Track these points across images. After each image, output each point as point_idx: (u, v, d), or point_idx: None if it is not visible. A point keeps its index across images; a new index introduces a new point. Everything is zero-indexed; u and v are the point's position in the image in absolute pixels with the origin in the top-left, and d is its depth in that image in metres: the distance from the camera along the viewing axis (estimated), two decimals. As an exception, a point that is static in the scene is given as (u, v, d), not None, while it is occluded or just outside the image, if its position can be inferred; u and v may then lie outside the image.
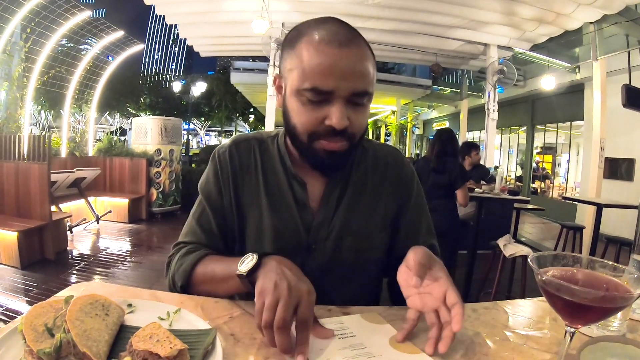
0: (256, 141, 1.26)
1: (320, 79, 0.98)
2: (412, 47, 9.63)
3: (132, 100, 25.80)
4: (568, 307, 0.64)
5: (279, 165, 1.21)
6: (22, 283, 4.72)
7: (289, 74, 1.05)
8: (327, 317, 0.95)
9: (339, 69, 0.98)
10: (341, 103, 1.00)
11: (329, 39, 1.00)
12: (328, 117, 1.00)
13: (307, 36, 1.03)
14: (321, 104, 1.00)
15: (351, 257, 1.19)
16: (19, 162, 5.76)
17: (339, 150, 1.05)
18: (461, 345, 0.85)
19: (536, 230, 11.02)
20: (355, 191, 1.22)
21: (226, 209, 1.21)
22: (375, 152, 1.30)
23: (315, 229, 1.17)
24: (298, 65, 1.02)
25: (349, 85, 0.99)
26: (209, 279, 1.08)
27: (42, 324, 0.72)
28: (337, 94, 0.99)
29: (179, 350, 0.68)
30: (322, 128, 1.02)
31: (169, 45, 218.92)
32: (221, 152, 1.24)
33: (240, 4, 7.92)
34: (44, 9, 8.39)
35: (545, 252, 0.72)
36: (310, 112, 1.02)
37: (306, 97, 1.01)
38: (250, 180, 1.21)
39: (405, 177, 1.31)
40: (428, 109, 23.79)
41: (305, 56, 1.01)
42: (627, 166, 9.42)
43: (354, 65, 1.00)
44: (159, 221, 8.74)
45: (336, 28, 1.03)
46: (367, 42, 1.07)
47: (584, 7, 6.96)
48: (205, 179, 1.26)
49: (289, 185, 1.19)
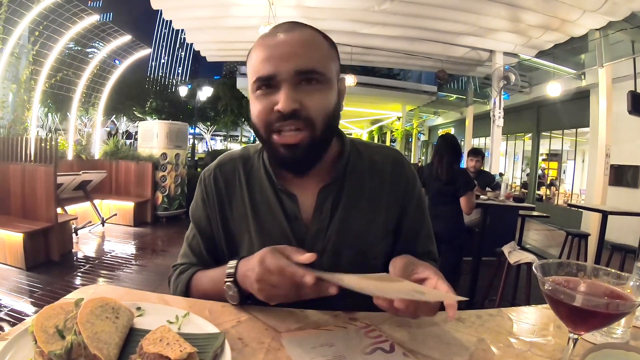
0: (241, 160, 1.24)
1: (261, 67, 1.00)
2: (418, 53, 9.64)
3: (139, 104, 25.87)
4: (571, 314, 0.65)
5: (266, 181, 1.18)
6: (27, 284, 4.74)
7: (248, 79, 1.08)
8: (333, 323, 0.95)
9: (278, 53, 1.00)
10: (287, 86, 0.99)
11: (270, 32, 1.04)
12: (277, 104, 1.00)
13: (258, 40, 1.06)
14: (270, 94, 1.01)
15: (351, 268, 1.06)
16: (26, 164, 5.80)
17: (297, 143, 1.02)
18: (465, 351, 0.86)
19: (541, 237, 10.97)
20: (351, 198, 1.17)
21: (215, 233, 1.22)
22: (371, 156, 1.24)
23: (310, 242, 1.13)
24: (249, 67, 1.06)
25: (289, 65, 0.99)
26: (202, 296, 1.12)
27: (53, 326, 0.72)
28: (280, 77, 0.99)
29: (188, 353, 0.68)
30: (274, 116, 1.01)
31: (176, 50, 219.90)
32: (207, 176, 1.24)
33: (247, 10, 7.95)
34: (52, 13, 8.46)
35: (549, 260, 0.73)
36: (262, 103, 1.02)
37: (256, 90, 1.02)
38: (236, 201, 1.20)
39: (406, 180, 1.25)
40: (434, 115, 23.77)
41: (252, 56, 1.05)
42: (633, 173, 9.37)
43: (295, 46, 1.01)
44: (164, 225, 8.76)
45: (284, 24, 1.06)
46: (320, 32, 1.08)
47: (590, 14, 6.96)
48: (194, 204, 1.27)
49: (277, 200, 1.15)
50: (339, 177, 1.16)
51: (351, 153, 1.21)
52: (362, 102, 17.89)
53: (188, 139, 10.88)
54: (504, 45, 8.95)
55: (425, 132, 27.52)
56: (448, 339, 0.91)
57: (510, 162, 18.29)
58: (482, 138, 18.11)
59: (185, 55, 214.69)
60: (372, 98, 17.04)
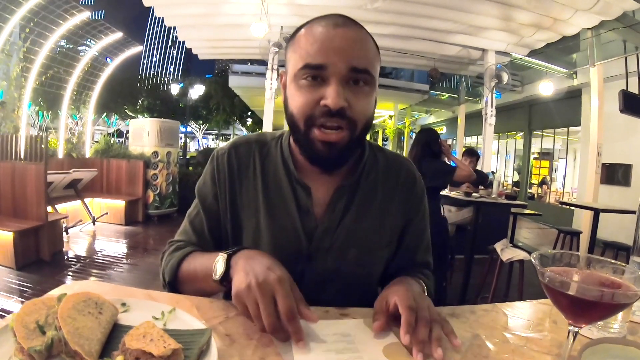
0: (257, 144, 1.21)
1: (313, 55, 0.97)
2: (410, 52, 9.63)
3: (130, 102, 25.80)
4: (572, 305, 0.64)
5: (282, 170, 1.16)
6: (17, 284, 4.69)
7: (289, 64, 1.04)
8: (325, 318, 0.93)
9: (333, 44, 0.97)
10: (337, 81, 0.96)
11: (325, 22, 1.00)
12: (324, 97, 0.96)
13: (305, 26, 1.03)
14: (317, 86, 0.98)
15: (353, 269, 1.14)
16: (16, 162, 5.74)
17: (336, 142, 1.00)
18: (460, 347, 0.84)
19: (533, 235, 11.03)
20: (364, 201, 1.16)
21: (221, 213, 1.18)
22: (387, 163, 1.24)
23: (319, 236, 1.12)
24: (295, 51, 1.01)
25: (343, 60, 0.96)
26: (192, 278, 1.07)
27: (34, 322, 0.70)
28: (332, 71, 0.96)
29: (172, 349, 0.66)
30: (318, 110, 0.98)
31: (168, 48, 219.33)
32: (220, 155, 1.20)
33: (239, 7, 7.91)
34: (42, 9, 8.41)
35: (547, 250, 0.71)
36: (306, 94, 0.99)
37: (301, 78, 0.99)
38: (248, 185, 1.17)
39: (416, 194, 1.25)
40: (426, 114, 23.82)
41: (302, 41, 1.00)
42: (624, 171, 9.45)
43: (351, 42, 0.98)
44: (156, 223, 8.71)
45: (336, 16, 1.02)
46: (370, 34, 1.05)
47: (582, 13, 6.98)
48: (202, 180, 1.22)
49: (291, 191, 1.13)
50: (356, 178, 1.16)
51: (369, 157, 1.21)
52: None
53: (180, 137, 10.83)
54: (496, 44, 8.96)
55: (417, 130, 27.59)
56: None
57: (502, 161, 18.37)
58: (474, 137, 18.21)
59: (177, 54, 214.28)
60: (364, 96, 16.93)
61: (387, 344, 0.84)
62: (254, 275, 0.83)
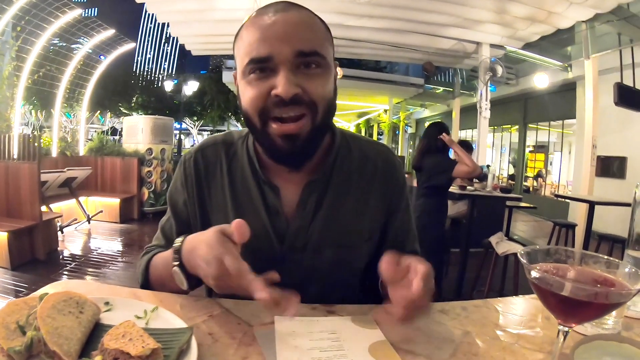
0: (224, 145, 1.17)
1: (256, 48, 0.93)
2: (405, 45, 9.61)
3: (124, 100, 25.78)
4: (561, 305, 0.61)
5: (248, 170, 1.12)
6: (12, 284, 4.68)
7: (237, 61, 1.01)
8: (312, 315, 0.91)
9: (275, 33, 0.93)
10: (286, 69, 0.92)
11: (264, 11, 0.97)
12: (274, 88, 0.93)
13: (249, 18, 1.00)
14: (267, 78, 0.94)
15: (332, 269, 1.11)
16: (9, 162, 5.71)
17: (297, 133, 0.96)
18: (450, 344, 0.83)
19: (528, 228, 11.06)
20: (337, 195, 1.11)
21: (191, 218, 1.16)
22: (361, 152, 1.18)
23: (290, 238, 1.08)
24: (240, 47, 0.98)
25: (288, 46, 0.92)
26: (158, 278, 1.06)
27: (15, 322, 0.70)
28: (279, 59, 0.92)
29: (151, 349, 0.65)
30: (271, 101, 0.94)
31: (161, 44, 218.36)
32: (187, 159, 1.17)
33: (231, 2, 7.87)
34: (34, 7, 8.35)
35: (536, 246, 0.69)
36: (256, 88, 0.95)
37: (249, 73, 0.95)
38: (216, 187, 1.14)
39: (396, 181, 1.20)
40: (420, 107, 23.81)
41: (242, 37, 0.98)
42: (619, 164, 9.48)
43: (293, 26, 0.95)
44: (151, 221, 8.69)
45: (277, 2, 1.00)
46: (315, 14, 1.02)
47: (576, 6, 6.96)
48: (173, 186, 1.20)
49: (259, 191, 1.09)
50: (327, 172, 1.11)
51: (340, 147, 1.15)
52: (349, 95, 17.86)
53: (174, 133, 10.81)
54: (490, 37, 8.95)
55: (412, 124, 27.59)
56: (431, 332, 0.88)
57: (497, 154, 18.39)
58: (469, 130, 18.20)
59: (171, 50, 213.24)
60: (358, 91, 17.00)
61: (373, 342, 0.82)
62: (205, 261, 0.83)
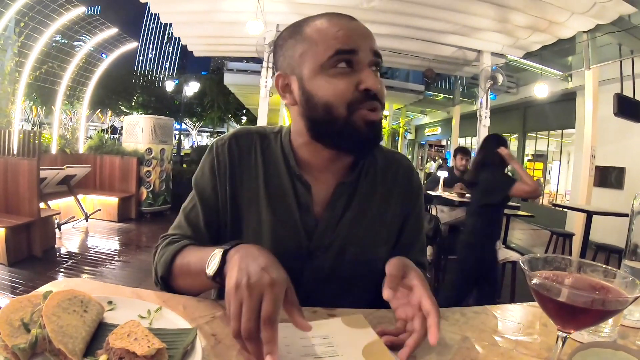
0: (258, 136, 1.18)
1: (343, 40, 0.97)
2: (406, 52, 9.62)
3: (125, 99, 25.76)
4: (561, 311, 0.63)
5: (282, 165, 1.13)
6: (8, 280, 4.67)
7: (302, 60, 1.01)
8: (312, 319, 0.92)
9: (357, 30, 1.00)
10: (367, 65, 0.99)
11: (337, 16, 1.03)
12: (361, 82, 0.97)
13: (312, 22, 1.03)
14: (350, 73, 0.98)
15: (353, 267, 1.13)
16: (8, 158, 5.71)
17: (378, 121, 1.01)
18: (448, 350, 0.84)
19: (526, 236, 11.07)
20: (364, 199, 1.15)
21: (220, 206, 1.13)
22: (384, 159, 1.24)
23: (318, 235, 1.10)
24: (312, 44, 1.00)
25: (368, 45, 1.00)
26: (185, 272, 1.02)
27: (19, 319, 0.70)
28: (361, 57, 0.98)
29: (156, 349, 0.65)
30: (359, 94, 0.98)
31: (163, 44, 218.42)
32: (220, 145, 1.15)
33: (235, 5, 7.88)
34: (38, 4, 8.36)
35: (537, 254, 0.70)
36: (343, 81, 0.97)
37: (334, 65, 0.98)
38: (249, 177, 1.13)
39: (413, 189, 1.25)
40: (420, 114, 23.88)
41: (320, 32, 1.00)
42: (617, 174, 9.50)
43: (365, 29, 1.03)
44: (149, 221, 8.69)
45: (338, 14, 1.05)
46: None
47: (578, 16, 6.99)
48: (200, 172, 1.17)
49: (292, 187, 1.11)
50: (356, 176, 1.15)
51: None
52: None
53: (174, 134, 10.80)
54: (491, 46, 8.97)
55: (412, 131, 27.64)
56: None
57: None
58: (468, 138, 18.22)
59: (172, 50, 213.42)
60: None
61: (367, 343, 0.83)
62: (247, 273, 0.76)
